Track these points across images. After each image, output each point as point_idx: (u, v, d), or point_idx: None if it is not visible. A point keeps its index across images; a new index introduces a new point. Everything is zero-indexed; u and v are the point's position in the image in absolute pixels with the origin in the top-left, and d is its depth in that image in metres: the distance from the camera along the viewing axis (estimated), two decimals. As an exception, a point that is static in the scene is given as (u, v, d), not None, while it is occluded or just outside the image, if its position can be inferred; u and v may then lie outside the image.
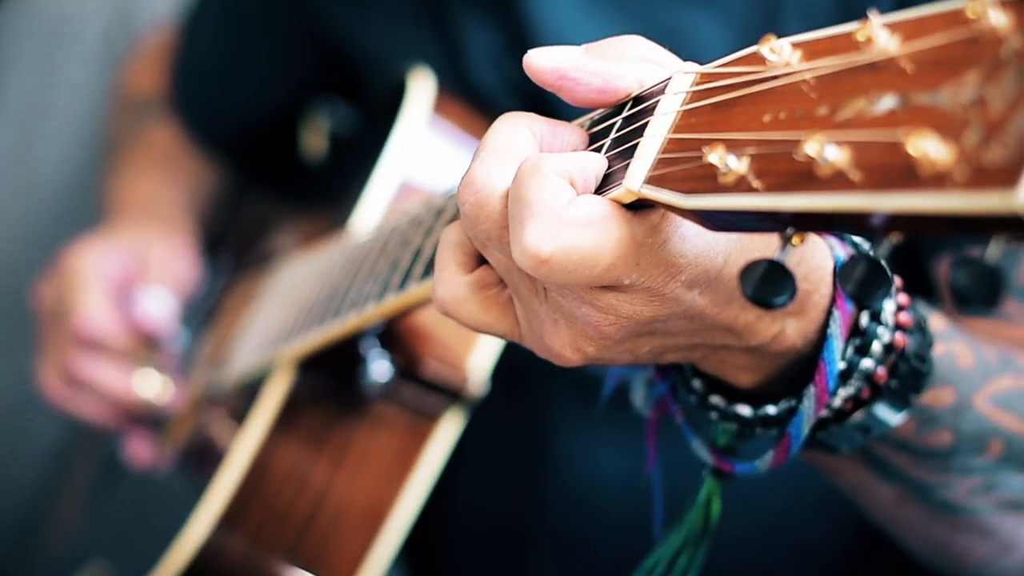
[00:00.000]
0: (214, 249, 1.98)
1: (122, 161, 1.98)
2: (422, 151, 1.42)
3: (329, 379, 1.36)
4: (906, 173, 0.64)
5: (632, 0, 1.41)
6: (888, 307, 0.94)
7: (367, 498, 1.35)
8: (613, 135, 0.85)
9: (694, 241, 0.83)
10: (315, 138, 1.86)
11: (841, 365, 0.93)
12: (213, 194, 1.98)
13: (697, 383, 1.01)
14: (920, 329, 0.97)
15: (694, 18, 1.39)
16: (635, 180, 0.79)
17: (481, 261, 0.92)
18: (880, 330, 0.94)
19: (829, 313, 0.92)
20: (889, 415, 0.96)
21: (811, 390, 0.93)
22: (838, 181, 0.67)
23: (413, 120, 1.43)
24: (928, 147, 0.63)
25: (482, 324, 0.93)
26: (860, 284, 0.70)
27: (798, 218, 0.71)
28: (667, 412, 1.03)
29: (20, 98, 2.21)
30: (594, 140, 0.89)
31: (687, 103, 0.79)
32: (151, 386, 1.61)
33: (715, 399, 0.99)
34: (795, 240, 0.72)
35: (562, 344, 0.89)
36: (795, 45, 0.74)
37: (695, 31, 1.38)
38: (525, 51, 0.90)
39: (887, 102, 0.67)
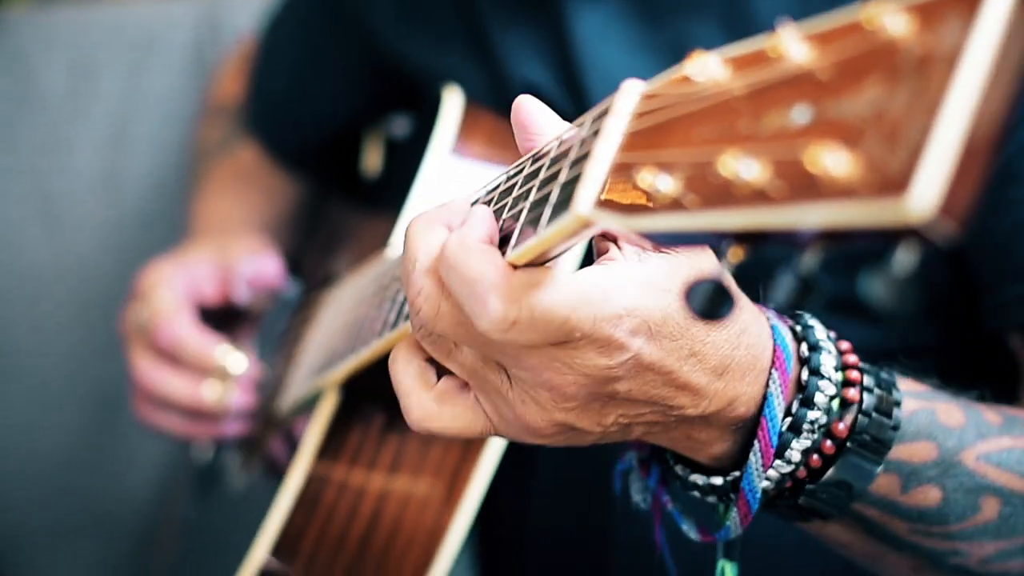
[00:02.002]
0: (293, 270, 2.07)
1: (207, 177, 2.08)
2: (450, 172, 1.48)
3: (376, 397, 1.41)
4: (812, 185, 0.68)
5: (669, 27, 1.47)
6: (827, 361, 1.04)
7: (422, 513, 1.40)
8: (538, 178, 0.91)
9: (630, 293, 0.93)
10: (375, 152, 1.95)
11: (787, 420, 1.03)
12: (293, 211, 2.06)
13: (679, 468, 1.10)
14: (881, 386, 1.06)
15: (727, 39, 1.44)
16: (584, 204, 0.83)
17: (439, 373, 1.04)
18: (822, 383, 1.04)
19: (769, 374, 1.02)
20: (861, 471, 1.05)
21: (756, 445, 1.03)
22: (753, 196, 0.70)
23: (442, 142, 1.49)
24: (829, 158, 0.67)
25: (459, 430, 1.04)
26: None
27: (729, 233, 0.75)
28: (660, 502, 1.13)
29: (109, 106, 2.30)
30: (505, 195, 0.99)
31: (631, 126, 0.83)
32: (222, 394, 1.66)
33: (695, 477, 1.09)
34: (731, 254, 0.76)
35: (533, 418, 0.99)
36: (725, 60, 0.77)
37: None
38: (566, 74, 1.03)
39: (800, 114, 0.70)
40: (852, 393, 1.04)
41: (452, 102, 1.53)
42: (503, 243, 0.96)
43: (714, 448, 1.06)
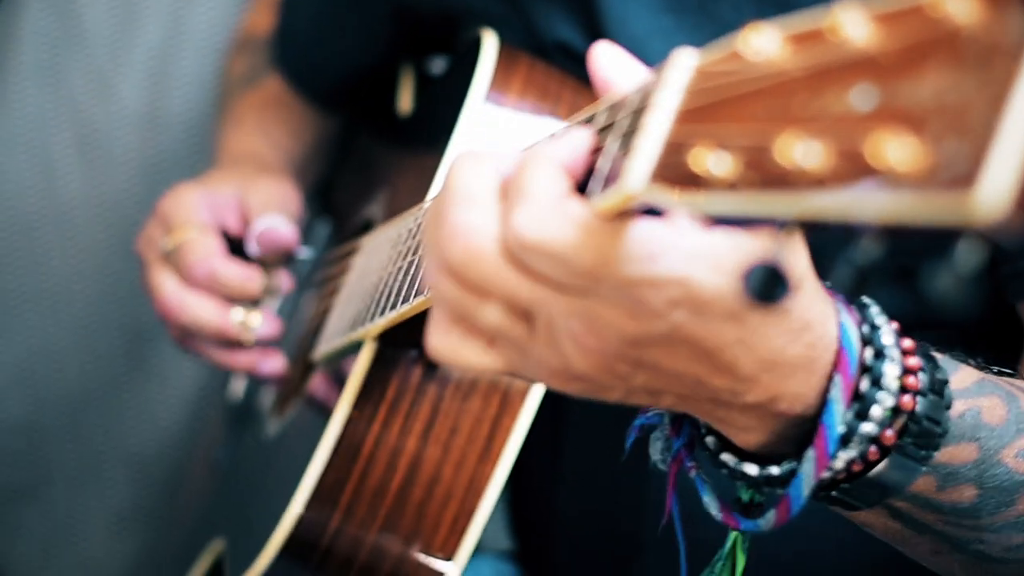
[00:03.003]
0: (323, 203, 2.08)
1: (234, 106, 2.09)
2: (488, 117, 1.48)
3: (415, 348, 1.42)
4: (873, 173, 0.67)
5: (702, 1, 1.46)
6: (890, 371, 1.00)
7: (460, 466, 1.42)
8: (608, 137, 0.89)
9: (685, 260, 0.88)
10: (409, 92, 1.95)
11: (841, 429, 0.99)
12: (322, 143, 2.07)
13: (711, 440, 1.06)
14: (934, 390, 1.02)
15: (765, 16, 1.42)
16: (636, 181, 0.83)
17: None
18: (880, 395, 0.99)
19: (830, 379, 0.98)
20: (901, 475, 1.02)
21: (811, 453, 0.99)
22: (812, 182, 0.70)
23: (480, 86, 1.48)
24: (891, 147, 0.66)
25: (482, 365, 0.99)
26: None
27: (786, 219, 0.74)
28: (683, 466, 1.09)
29: (151, 41, 2.31)
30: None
31: (685, 100, 0.82)
32: (250, 320, 1.66)
33: (726, 457, 1.05)
34: (787, 233, 0.76)
35: (558, 363, 0.95)
36: (782, 38, 0.76)
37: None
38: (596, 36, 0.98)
39: (861, 98, 0.70)
40: (907, 400, 1.01)
41: (489, 45, 1.52)
42: None
43: (748, 436, 1.03)
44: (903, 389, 1.01)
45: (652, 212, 0.85)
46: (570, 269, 0.88)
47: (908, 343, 1.02)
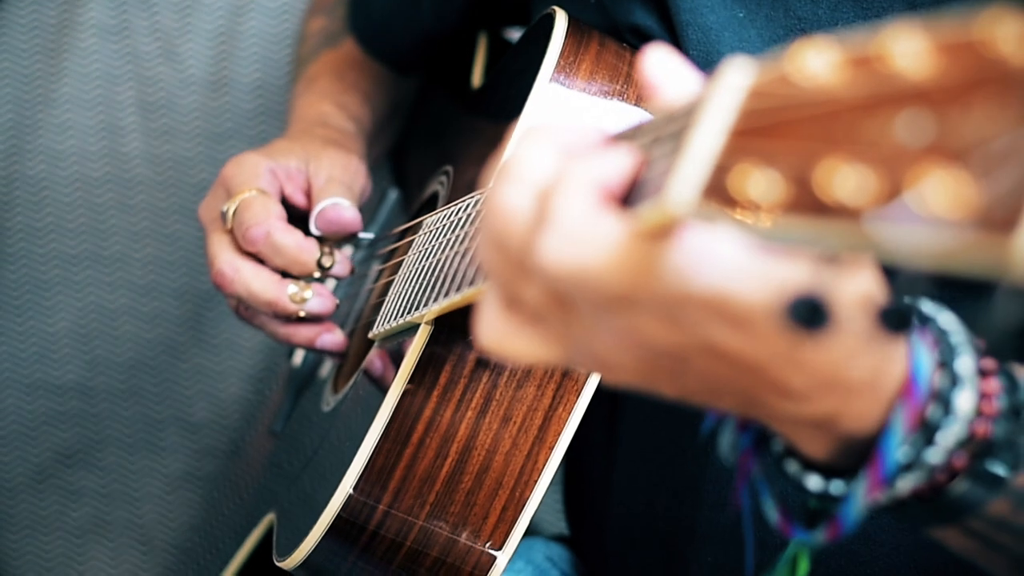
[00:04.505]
0: (396, 170, 2.11)
1: (308, 67, 2.11)
2: (556, 96, 1.49)
3: (470, 334, 1.44)
4: (908, 208, 0.69)
5: None
6: (963, 400, 0.98)
7: (512, 455, 1.45)
8: (656, 150, 0.91)
9: (725, 276, 0.88)
10: (482, 64, 1.98)
11: (902, 456, 0.98)
12: (396, 106, 2.10)
13: (778, 444, 1.06)
14: (1016, 411, 1.01)
15: (841, 11, 1.43)
16: (683, 199, 0.83)
17: None
18: (950, 423, 0.98)
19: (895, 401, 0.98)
20: (973, 499, 1.01)
21: (863, 476, 0.98)
22: (851, 211, 0.72)
23: (546, 68, 1.50)
24: (931, 182, 0.68)
25: (529, 354, 1.01)
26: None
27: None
28: (747, 464, 1.09)
29: (216, 4, 2.36)
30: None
31: (735, 122, 0.83)
32: (304, 295, 1.67)
33: (790, 464, 1.05)
34: (832, 258, 0.78)
35: (603, 357, 0.97)
36: (833, 61, 0.78)
37: (835, 26, 1.43)
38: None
39: (907, 130, 0.71)
40: (982, 428, 1.00)
41: (560, 21, 1.54)
42: None
43: (814, 447, 1.03)
44: (978, 414, 1.00)
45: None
46: (600, 293, 0.91)
47: (989, 363, 1.00)
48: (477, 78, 1.98)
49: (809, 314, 0.76)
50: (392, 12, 1.99)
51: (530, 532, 1.51)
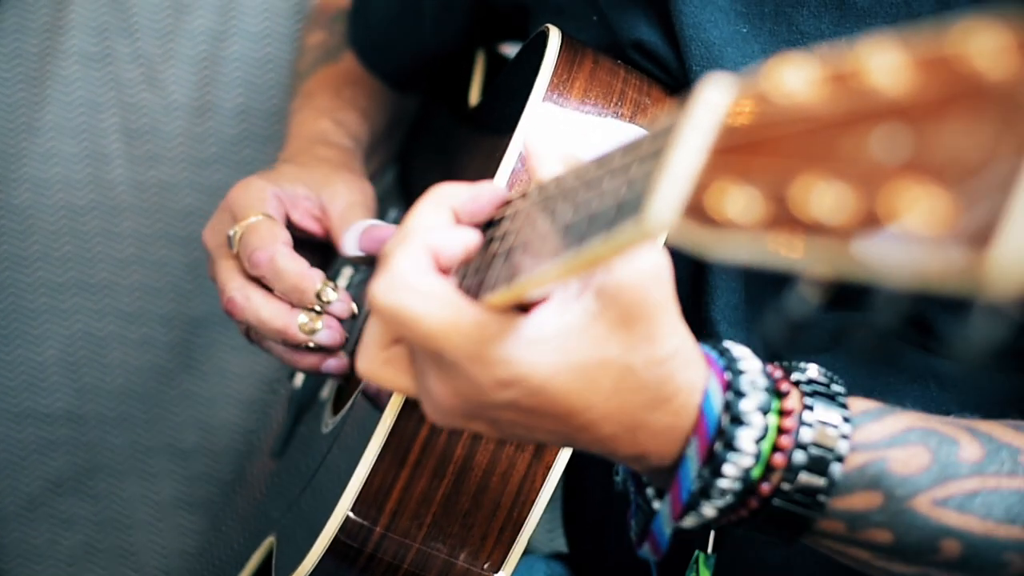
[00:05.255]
0: (401, 185, 2.13)
1: (307, 84, 2.13)
2: (548, 116, 1.51)
3: None
4: (885, 223, 0.70)
5: (780, 10, 1.50)
6: (744, 436, 1.15)
7: (508, 477, 1.46)
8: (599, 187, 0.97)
9: (522, 348, 1.09)
10: (479, 80, 2.00)
11: (697, 483, 1.16)
12: (396, 121, 2.13)
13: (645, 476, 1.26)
14: (822, 444, 1.17)
15: (843, 25, 1.46)
16: (660, 220, 0.85)
17: None
18: (732, 456, 1.15)
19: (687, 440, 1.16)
20: (795, 518, 1.17)
21: (667, 496, 1.17)
22: (827, 230, 0.74)
23: (539, 86, 1.52)
24: (907, 198, 0.69)
25: (398, 387, 1.25)
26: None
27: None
28: (627, 491, 1.28)
29: (204, 22, 2.37)
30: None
31: (712, 141, 0.84)
32: (310, 326, 1.68)
33: (649, 491, 1.25)
34: (811, 288, 0.80)
35: (431, 406, 1.19)
36: (811, 77, 0.79)
37: (838, 40, 1.47)
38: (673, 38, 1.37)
39: (884, 146, 0.73)
40: (778, 459, 1.15)
41: (553, 39, 1.56)
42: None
43: (647, 476, 1.23)
44: (776, 448, 1.16)
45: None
46: (415, 335, 1.11)
47: (789, 403, 1.17)
48: (475, 95, 2.00)
49: None
50: (393, 27, 2.01)
51: (530, 551, 1.53)
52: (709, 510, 1.17)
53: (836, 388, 1.20)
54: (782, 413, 1.17)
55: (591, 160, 1.04)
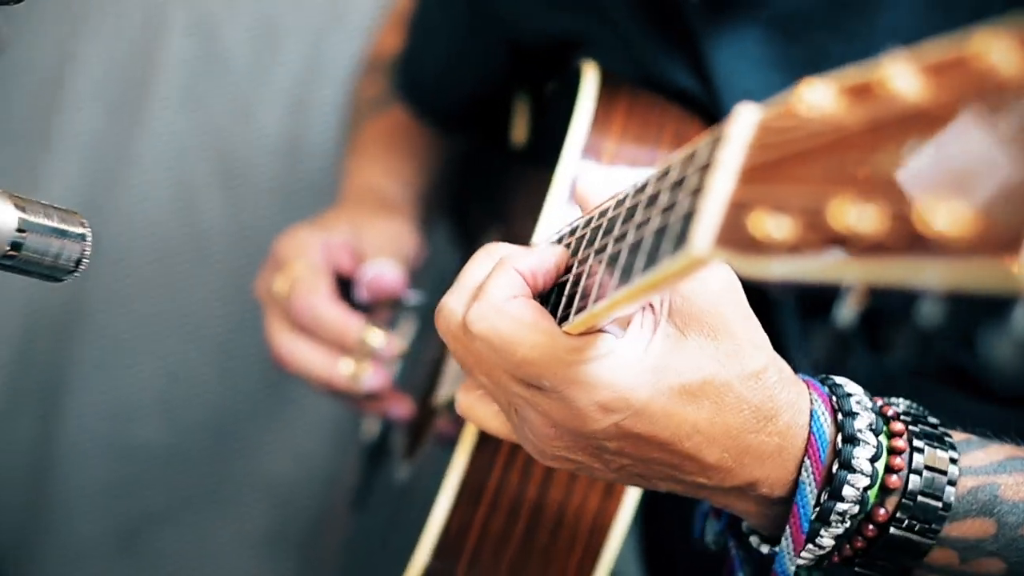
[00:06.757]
0: (461, 229, 2.14)
1: (360, 135, 2.16)
2: (589, 152, 1.52)
3: None
4: (924, 238, 0.69)
5: (805, 43, 1.51)
6: (860, 454, 1.14)
7: (584, 507, 1.46)
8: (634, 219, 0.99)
9: (618, 370, 1.07)
10: (524, 116, 2.00)
11: (817, 510, 1.14)
12: (446, 169, 2.15)
13: (745, 524, 1.23)
14: (934, 467, 1.15)
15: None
16: (702, 242, 0.85)
17: None
18: (852, 477, 1.13)
19: (802, 463, 1.14)
20: (910, 547, 1.15)
21: (788, 531, 1.14)
22: (867, 247, 0.73)
23: (579, 123, 1.52)
24: (941, 210, 0.68)
25: (490, 430, 1.24)
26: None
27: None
28: (726, 547, 1.25)
29: (292, 71, 2.41)
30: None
31: (748, 158, 0.85)
32: (360, 372, 1.71)
33: (753, 539, 1.22)
34: (854, 300, 0.79)
35: (533, 446, 1.18)
36: (836, 92, 0.79)
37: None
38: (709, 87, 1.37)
39: (908, 157, 0.72)
40: (894, 480, 1.14)
41: (591, 76, 1.56)
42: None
43: (754, 519, 1.20)
44: (889, 469, 1.14)
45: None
46: (507, 360, 1.09)
47: (898, 425, 1.15)
48: (520, 134, 2.00)
49: None
50: (445, 73, 2.03)
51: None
52: (827, 539, 1.15)
53: (932, 419, 1.19)
54: (891, 435, 1.16)
55: (631, 190, 1.06)
